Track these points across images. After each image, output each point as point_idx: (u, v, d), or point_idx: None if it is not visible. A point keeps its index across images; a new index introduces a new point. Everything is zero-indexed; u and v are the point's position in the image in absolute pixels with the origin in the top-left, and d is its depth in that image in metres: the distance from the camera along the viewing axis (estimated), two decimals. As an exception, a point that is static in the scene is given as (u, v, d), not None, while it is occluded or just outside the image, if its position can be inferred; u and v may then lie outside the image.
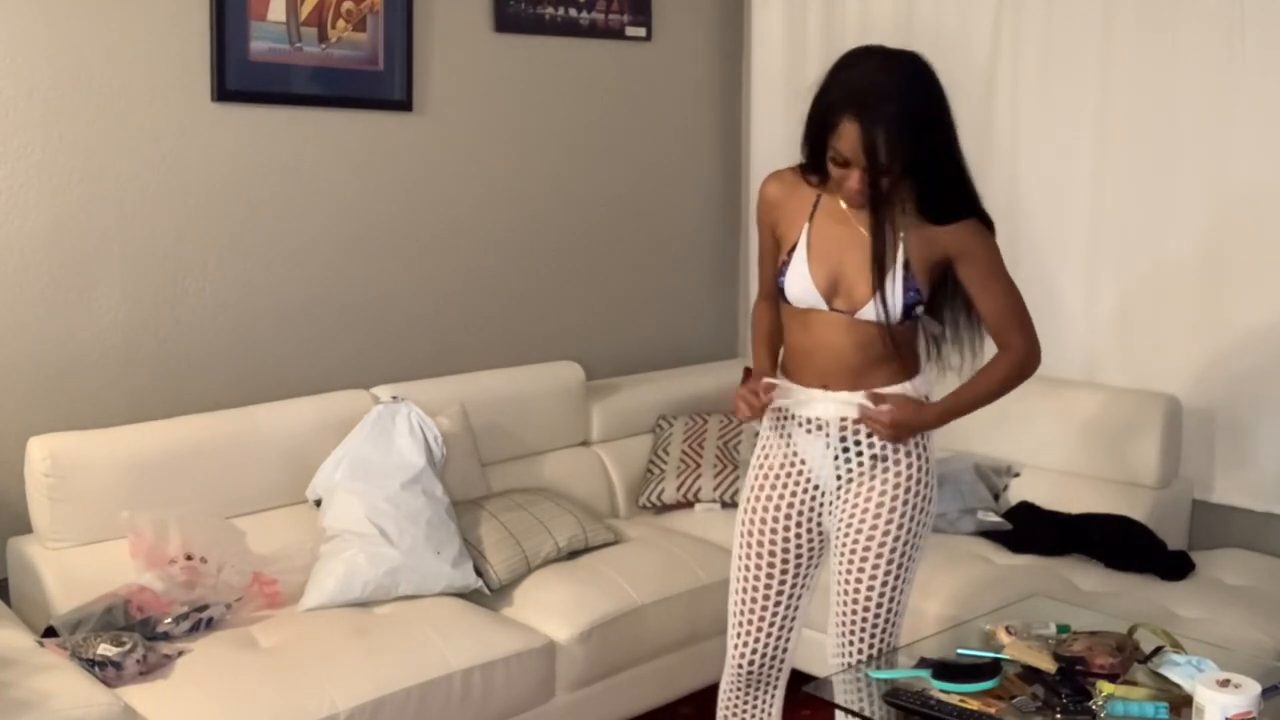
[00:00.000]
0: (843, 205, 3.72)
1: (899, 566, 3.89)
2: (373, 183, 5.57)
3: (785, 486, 3.94)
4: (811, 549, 3.99)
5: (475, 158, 5.91)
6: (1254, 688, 3.21)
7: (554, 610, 4.82)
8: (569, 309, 6.34)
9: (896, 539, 3.86)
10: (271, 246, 5.30)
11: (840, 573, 3.95)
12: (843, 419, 3.80)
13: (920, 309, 3.74)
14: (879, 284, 3.66)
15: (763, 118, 6.91)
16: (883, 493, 3.83)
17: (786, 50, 6.77)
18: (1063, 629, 3.96)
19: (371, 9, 5.39)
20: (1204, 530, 5.63)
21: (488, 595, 4.90)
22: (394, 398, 5.16)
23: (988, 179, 6.03)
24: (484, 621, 4.66)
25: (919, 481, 3.87)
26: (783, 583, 4.00)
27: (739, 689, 4.15)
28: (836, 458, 3.84)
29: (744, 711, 4.18)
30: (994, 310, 3.81)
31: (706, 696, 4.88)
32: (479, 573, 4.89)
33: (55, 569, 4.50)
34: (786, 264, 3.76)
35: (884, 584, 3.90)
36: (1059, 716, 3.49)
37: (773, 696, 4.19)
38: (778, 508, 3.95)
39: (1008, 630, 3.92)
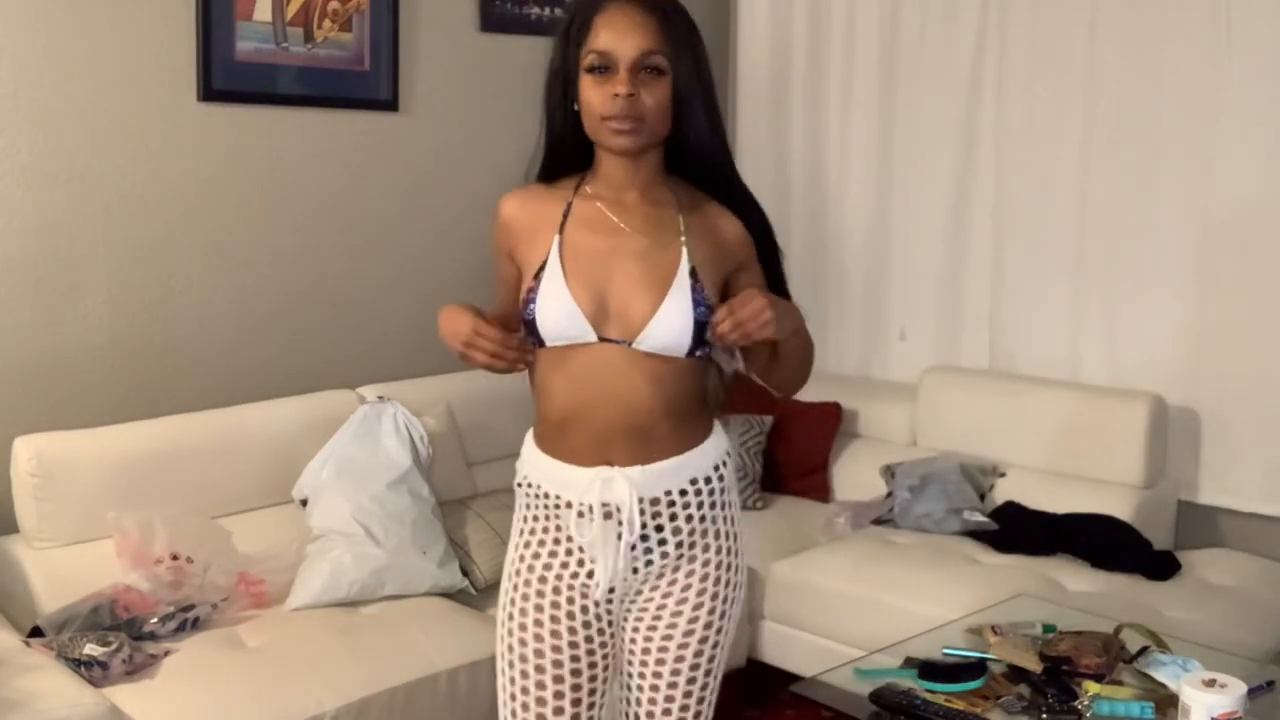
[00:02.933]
0: (603, 186, 3.02)
1: (707, 675, 3.13)
2: (359, 183, 5.57)
3: (561, 588, 3.06)
4: (605, 662, 3.14)
5: (461, 157, 5.90)
6: (1240, 688, 3.22)
7: (540, 610, 4.78)
8: (555, 308, 6.29)
9: (704, 642, 3.08)
10: (257, 247, 5.29)
11: (635, 688, 3.14)
12: (642, 502, 2.95)
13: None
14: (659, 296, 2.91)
15: (748, 116, 6.92)
16: (686, 587, 3.05)
17: (772, 51, 6.78)
18: (1048, 629, 3.99)
19: (358, 9, 5.38)
20: (1189, 530, 5.63)
21: (473, 595, 4.88)
22: (380, 398, 5.14)
23: (972, 178, 6.09)
24: (470, 621, 4.64)
25: (730, 568, 3.09)
26: (575, 709, 3.11)
27: None
28: (634, 549, 2.99)
29: None
30: None
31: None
32: (465, 573, 4.88)
33: (41, 569, 4.47)
34: (534, 290, 2.94)
35: (692, 696, 3.13)
36: (1045, 716, 3.52)
37: None
38: (555, 619, 3.06)
39: (994, 630, 3.94)
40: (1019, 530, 5.37)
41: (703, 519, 3.02)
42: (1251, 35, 5.28)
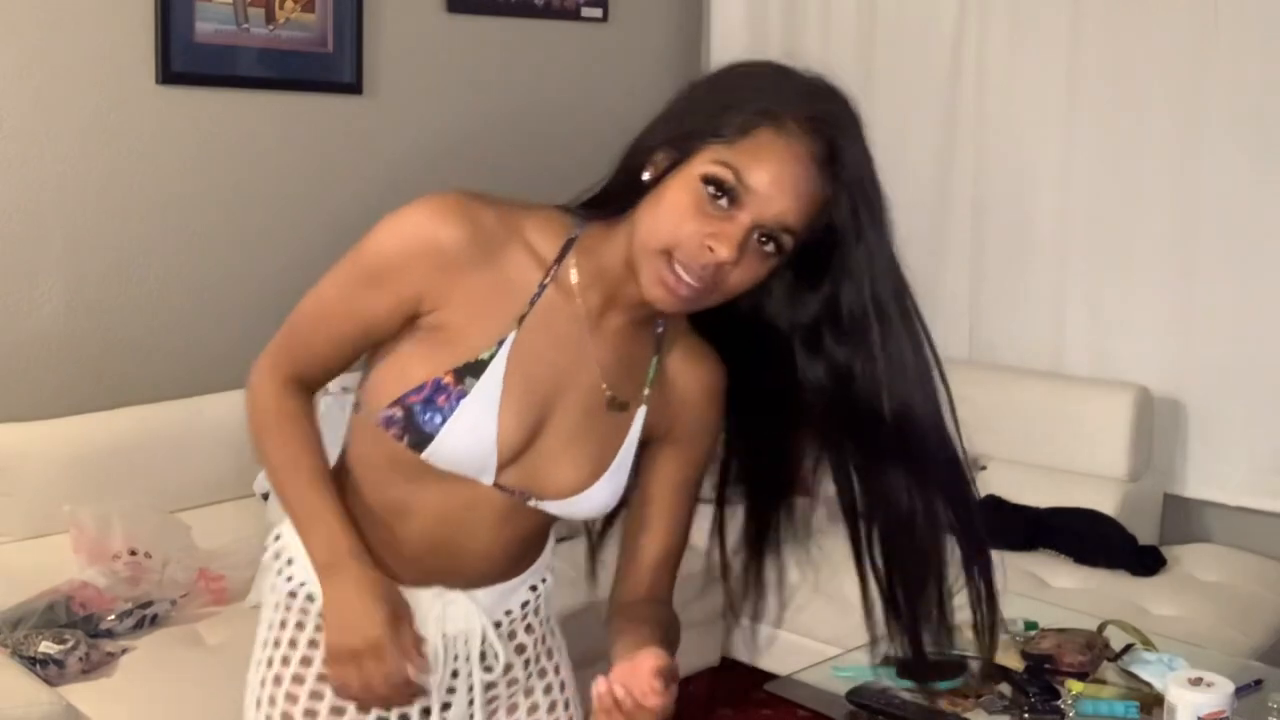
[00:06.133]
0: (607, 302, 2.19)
1: None
2: (322, 167, 5.52)
3: None
4: None
5: (426, 141, 5.84)
6: (1227, 686, 3.19)
7: (510, 605, 4.72)
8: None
9: None
10: (218, 233, 5.23)
11: None
12: (495, 622, 2.37)
13: None
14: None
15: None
16: (551, 707, 2.51)
17: (748, 32, 6.71)
18: (1030, 626, 3.96)
19: (321, -11, 5.36)
20: (1176, 525, 5.61)
21: (441, 590, 4.77)
22: (344, 389, 5.07)
23: (952, 166, 6.05)
24: (434, 617, 4.55)
25: (570, 678, 2.58)
26: None
27: None
28: (471, 690, 2.36)
29: None
30: (672, 543, 2.41)
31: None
32: (432, 568, 4.75)
33: (-6, 564, 4.43)
34: (450, 400, 2.12)
35: None
36: (1026, 715, 3.50)
37: None
38: None
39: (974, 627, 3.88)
40: (1000, 525, 5.30)
41: (541, 625, 2.50)
42: (1239, 16, 5.24)
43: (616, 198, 2.12)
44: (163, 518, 4.61)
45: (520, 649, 2.42)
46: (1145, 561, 5.05)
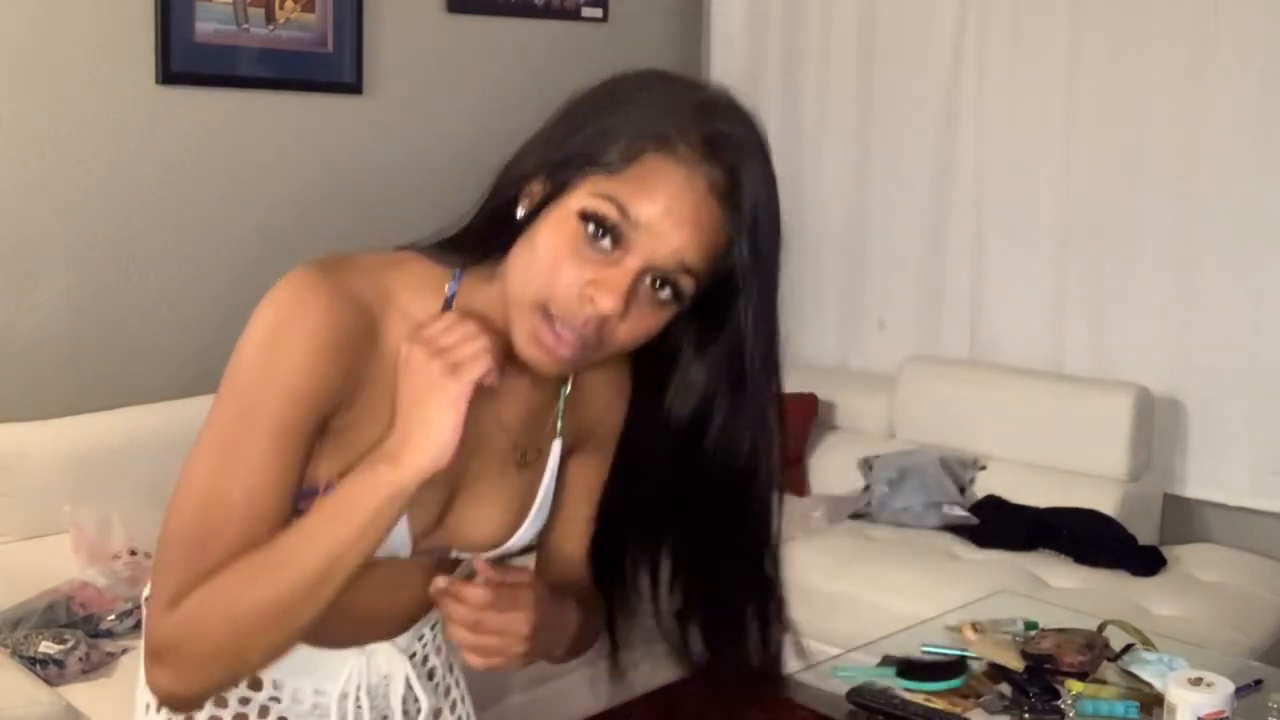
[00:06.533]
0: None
1: None
2: (322, 167, 5.51)
3: None
4: None
5: (426, 141, 5.84)
6: (1227, 686, 3.16)
7: (509, 606, 4.70)
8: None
9: None
10: (218, 233, 5.23)
11: None
12: (411, 654, 2.12)
13: None
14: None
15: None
16: None
17: (748, 32, 6.71)
18: (1030, 626, 3.93)
19: (321, -11, 5.36)
20: (1176, 525, 5.60)
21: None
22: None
23: (952, 162, 6.06)
24: (433, 617, 4.53)
25: (470, 711, 2.33)
26: None
27: None
28: None
29: None
30: (585, 541, 2.14)
31: (663, 697, 4.82)
32: (430, 567, 4.72)
33: (-6, 565, 4.41)
34: None
35: None
36: (1026, 716, 3.47)
37: None
38: None
39: (974, 627, 3.91)
40: (1000, 525, 5.32)
41: (445, 643, 2.22)
42: (1239, 16, 5.23)
43: (486, 236, 1.86)
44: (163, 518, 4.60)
45: (431, 674, 2.19)
46: (1145, 561, 5.03)
